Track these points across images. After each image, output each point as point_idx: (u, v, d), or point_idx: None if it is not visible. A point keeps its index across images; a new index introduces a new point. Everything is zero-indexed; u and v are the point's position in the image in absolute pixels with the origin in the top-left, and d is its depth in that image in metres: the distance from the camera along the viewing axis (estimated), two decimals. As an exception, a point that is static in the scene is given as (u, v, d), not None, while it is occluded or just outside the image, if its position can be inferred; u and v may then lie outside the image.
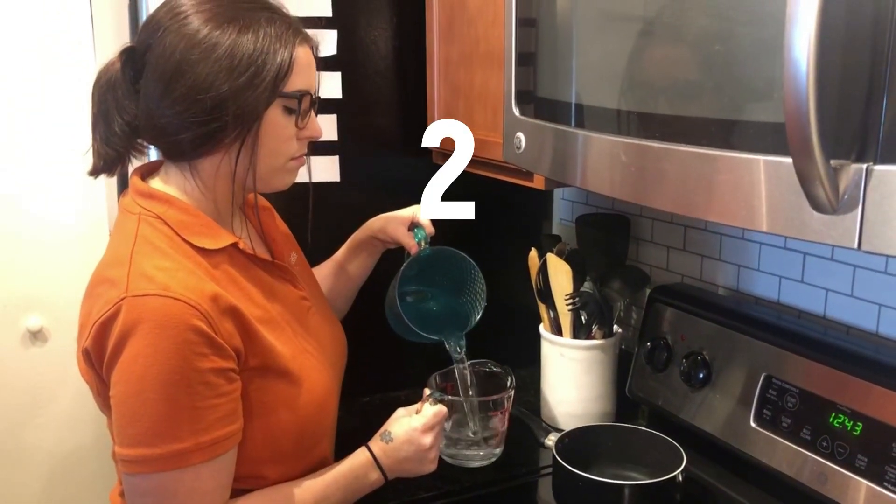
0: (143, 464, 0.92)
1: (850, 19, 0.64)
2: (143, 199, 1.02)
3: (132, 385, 0.91)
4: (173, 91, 0.95)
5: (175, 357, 0.90)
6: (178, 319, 0.90)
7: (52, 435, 2.27)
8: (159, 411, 0.91)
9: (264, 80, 0.96)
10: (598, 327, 1.46)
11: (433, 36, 1.56)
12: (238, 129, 0.97)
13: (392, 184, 1.63)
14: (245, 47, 0.95)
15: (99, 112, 1.03)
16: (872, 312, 1.19)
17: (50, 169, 2.14)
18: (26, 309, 2.18)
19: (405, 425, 1.13)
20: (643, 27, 0.93)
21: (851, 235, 0.67)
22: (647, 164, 0.91)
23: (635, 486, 1.18)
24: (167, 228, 1.00)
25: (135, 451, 0.92)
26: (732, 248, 1.42)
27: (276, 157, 1.02)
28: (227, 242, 1.03)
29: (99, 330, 0.92)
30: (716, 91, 0.82)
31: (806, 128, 0.64)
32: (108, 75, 1.02)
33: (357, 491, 1.11)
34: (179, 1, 0.99)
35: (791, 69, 0.63)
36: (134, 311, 0.90)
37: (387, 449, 1.12)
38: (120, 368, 0.91)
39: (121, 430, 0.93)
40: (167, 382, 0.90)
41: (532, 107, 1.16)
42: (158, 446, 0.91)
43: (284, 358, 1.04)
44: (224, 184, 1.03)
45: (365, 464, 1.11)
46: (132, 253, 0.96)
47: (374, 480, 1.12)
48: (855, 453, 1.07)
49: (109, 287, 0.94)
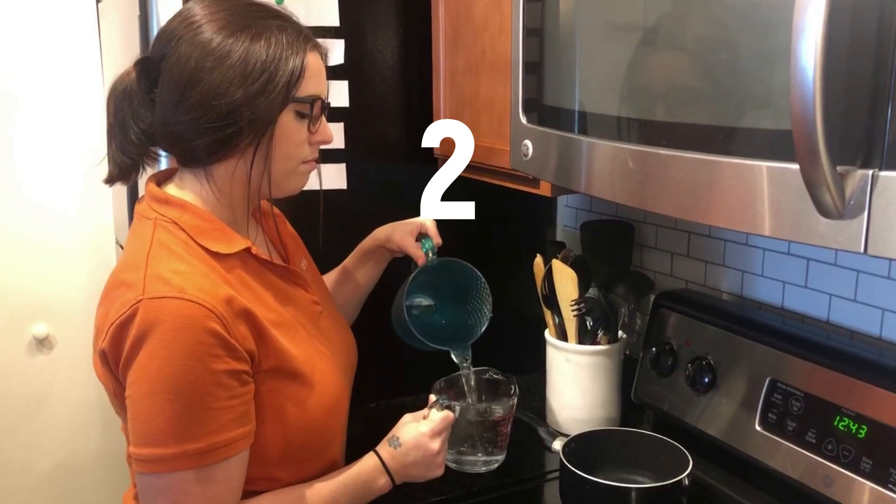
0: (157, 463, 0.93)
1: (855, 28, 0.66)
2: (159, 204, 1.04)
3: (147, 385, 0.92)
4: (189, 98, 0.98)
5: (190, 358, 0.92)
6: (194, 321, 0.92)
7: (58, 441, 2.28)
8: (174, 411, 0.92)
9: (277, 86, 0.98)
10: (604, 333, 1.47)
11: (439, 45, 1.58)
12: (252, 133, 0.99)
13: (398, 191, 1.65)
14: (258, 54, 0.98)
15: (115, 121, 1.06)
16: (876, 317, 1.20)
17: (57, 179, 2.16)
18: (33, 317, 2.19)
19: (413, 430, 1.14)
20: (647, 36, 0.95)
21: (858, 240, 0.68)
22: (653, 171, 0.92)
23: (642, 490, 1.19)
24: (182, 233, 1.01)
25: (149, 450, 0.93)
26: (736, 253, 1.43)
27: (288, 160, 1.04)
28: (241, 247, 1.04)
29: (116, 332, 0.94)
30: (720, 99, 0.84)
31: (813, 134, 0.65)
32: (123, 85, 1.05)
33: (365, 495, 1.12)
34: (192, 11, 1.01)
35: (798, 77, 0.65)
36: (150, 313, 0.92)
37: (395, 454, 1.13)
38: (136, 369, 0.93)
39: (136, 429, 0.94)
40: (182, 383, 0.92)
41: (538, 115, 1.18)
42: (172, 446, 0.93)
43: (297, 360, 1.05)
44: (239, 188, 1.05)
45: (373, 469, 1.12)
46: (148, 257, 0.97)
47: (381, 485, 1.13)
48: (860, 456, 1.08)
49: (126, 290, 0.95)
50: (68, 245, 2.20)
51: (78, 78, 2.14)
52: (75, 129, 2.16)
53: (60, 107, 2.14)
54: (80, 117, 2.16)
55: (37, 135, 2.12)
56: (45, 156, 2.14)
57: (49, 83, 2.12)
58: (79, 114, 2.16)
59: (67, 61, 2.13)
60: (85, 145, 2.18)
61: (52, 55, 2.11)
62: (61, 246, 2.19)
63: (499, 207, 1.73)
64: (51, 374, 2.24)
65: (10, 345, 2.19)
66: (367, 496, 1.12)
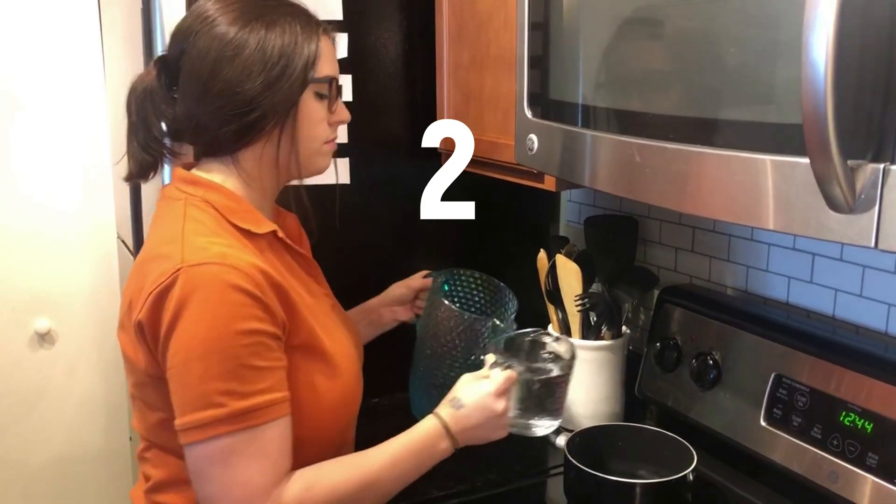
0: (209, 427, 0.93)
1: (866, 22, 0.66)
2: (188, 185, 1.06)
3: (194, 349, 0.92)
4: (212, 89, 1.01)
5: (235, 319, 0.93)
6: (235, 286, 0.93)
7: (59, 437, 2.28)
8: (223, 371, 0.92)
9: (296, 69, 1.03)
10: (607, 328, 1.47)
11: (443, 40, 1.58)
12: (276, 116, 1.03)
13: (402, 186, 1.64)
14: (274, 41, 1.02)
15: (138, 120, 1.08)
16: (882, 312, 1.20)
17: (58, 174, 2.15)
18: (34, 312, 2.19)
19: (476, 391, 1.11)
20: (653, 29, 0.94)
21: (868, 234, 0.68)
22: (659, 165, 0.92)
23: (647, 485, 1.19)
24: (213, 211, 1.03)
25: (200, 414, 0.93)
26: (741, 248, 1.43)
27: (312, 141, 1.08)
28: (269, 229, 1.07)
29: (155, 301, 0.94)
30: (726, 93, 0.84)
31: (824, 128, 0.65)
32: (143, 85, 1.08)
33: (426, 460, 1.09)
34: (205, 7, 1.04)
35: (809, 71, 0.64)
36: (191, 280, 0.93)
37: (458, 416, 1.09)
38: (179, 335, 0.93)
39: (184, 396, 0.94)
40: (229, 343, 0.92)
41: (543, 109, 1.18)
42: (226, 405, 0.92)
43: (324, 342, 1.06)
44: (269, 171, 1.08)
45: (435, 433, 1.08)
46: (183, 231, 0.99)
47: (443, 449, 1.09)
48: (866, 451, 1.08)
49: (163, 261, 0.96)
50: (70, 240, 2.20)
51: (79, 74, 2.14)
52: (77, 125, 2.16)
53: (61, 103, 2.13)
54: (81, 113, 2.16)
55: (37, 131, 2.12)
56: (46, 151, 2.14)
57: (50, 79, 2.11)
58: (80, 110, 2.16)
59: (68, 57, 2.12)
60: (86, 141, 2.17)
61: (53, 51, 2.10)
62: (63, 241, 2.19)
63: (503, 202, 1.73)
64: (53, 368, 2.24)
65: (12, 340, 2.19)
66: (428, 461, 1.09)
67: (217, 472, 0.95)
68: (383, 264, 1.63)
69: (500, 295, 1.45)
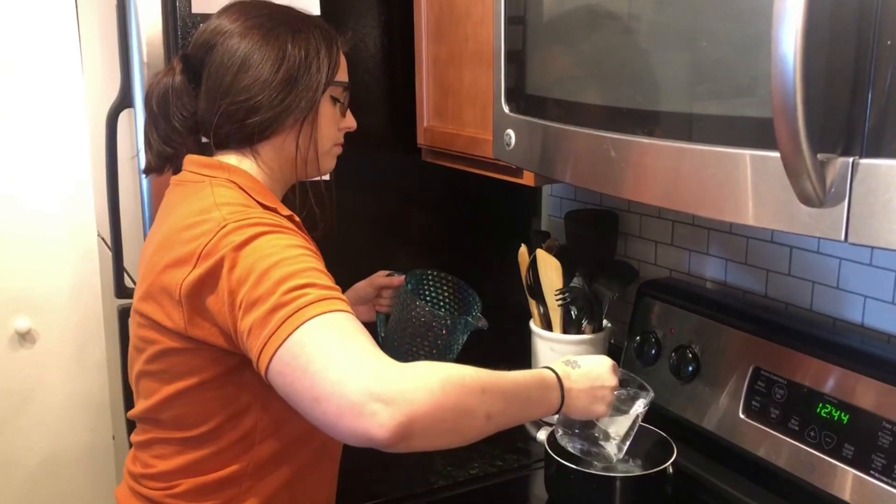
0: (300, 312, 0.89)
1: (835, 15, 0.66)
2: (210, 168, 1.09)
3: (264, 261, 0.93)
4: (240, 82, 1.06)
5: (290, 244, 0.96)
6: (283, 226, 0.99)
7: (41, 437, 2.26)
8: (295, 271, 0.92)
9: (321, 70, 1.10)
10: (588, 322, 1.47)
11: (421, 35, 1.57)
12: (299, 111, 1.09)
13: (381, 182, 1.64)
14: (300, 43, 1.09)
15: (159, 112, 1.11)
16: (858, 304, 1.21)
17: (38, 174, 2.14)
18: (15, 311, 2.17)
19: (594, 359, 1.11)
20: (630, 24, 0.94)
21: (838, 228, 0.68)
22: (635, 160, 0.92)
23: (627, 479, 1.19)
24: (240, 191, 1.06)
25: (288, 308, 0.89)
26: (720, 242, 1.43)
27: (326, 140, 1.16)
28: (287, 213, 1.10)
29: (209, 253, 0.95)
30: (702, 87, 0.84)
31: (793, 122, 0.65)
32: (166, 80, 1.11)
33: (534, 406, 1.03)
34: (233, 9, 1.11)
35: (778, 65, 0.64)
36: (239, 231, 0.96)
37: (570, 374, 1.07)
38: (243, 266, 0.93)
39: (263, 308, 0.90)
40: (291, 255, 0.94)
41: (521, 104, 1.17)
42: (308, 293, 0.90)
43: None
44: (286, 164, 1.13)
45: (549, 382, 1.04)
46: (215, 203, 1.01)
47: (552, 401, 1.04)
48: (842, 443, 1.08)
49: (203, 224, 0.98)
50: (50, 239, 2.18)
51: (58, 75, 2.12)
52: (56, 123, 2.14)
53: (40, 104, 2.12)
54: (60, 112, 2.14)
55: (17, 131, 2.10)
56: (25, 151, 2.12)
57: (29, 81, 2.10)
58: (59, 108, 2.14)
59: (47, 59, 2.11)
60: (66, 140, 2.16)
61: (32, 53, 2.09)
62: (43, 240, 2.17)
63: (483, 197, 1.73)
64: (34, 368, 2.22)
65: (-8, 339, 2.17)
66: (536, 408, 1.04)
67: (320, 346, 0.88)
68: (362, 259, 1.62)
69: (464, 293, 1.48)
